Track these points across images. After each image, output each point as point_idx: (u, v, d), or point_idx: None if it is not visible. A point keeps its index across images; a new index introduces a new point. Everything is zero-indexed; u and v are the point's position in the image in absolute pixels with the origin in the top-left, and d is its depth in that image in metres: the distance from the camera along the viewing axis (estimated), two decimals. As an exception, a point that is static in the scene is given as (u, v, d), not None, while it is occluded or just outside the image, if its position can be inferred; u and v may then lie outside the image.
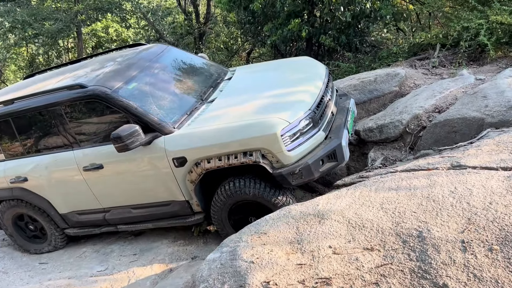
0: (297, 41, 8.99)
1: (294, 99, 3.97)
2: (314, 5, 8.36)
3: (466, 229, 2.60)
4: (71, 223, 4.92)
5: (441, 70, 6.24)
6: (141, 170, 4.14)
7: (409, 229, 2.76)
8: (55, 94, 4.33)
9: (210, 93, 4.59)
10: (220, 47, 14.15)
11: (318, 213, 3.20)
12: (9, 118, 4.62)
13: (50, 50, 15.05)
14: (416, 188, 3.15)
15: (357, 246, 2.75)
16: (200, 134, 3.84)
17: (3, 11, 11.99)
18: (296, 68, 4.90)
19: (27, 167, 4.70)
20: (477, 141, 3.85)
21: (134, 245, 4.84)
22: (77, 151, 4.39)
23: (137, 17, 14.93)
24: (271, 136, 3.57)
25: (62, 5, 13.30)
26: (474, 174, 3.12)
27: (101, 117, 4.25)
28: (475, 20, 6.11)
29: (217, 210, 4.08)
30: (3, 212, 5.13)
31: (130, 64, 4.59)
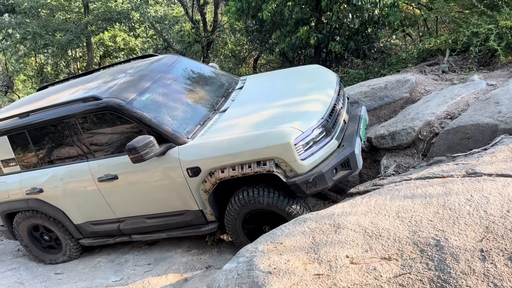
0: (306, 48, 9.02)
1: (307, 107, 3.99)
2: (322, 12, 8.39)
3: (484, 237, 2.59)
4: (86, 233, 4.97)
5: (451, 76, 6.23)
6: (155, 180, 4.17)
7: (427, 238, 2.76)
8: (70, 106, 4.39)
9: (222, 102, 4.63)
10: (228, 55, 14.22)
11: (333, 222, 3.20)
12: (24, 131, 4.69)
13: (60, 60, 15.23)
14: (431, 196, 3.15)
15: (375, 256, 2.75)
16: (214, 144, 3.87)
17: (14, 23, 12.18)
18: (307, 76, 4.93)
19: (43, 178, 4.76)
20: (491, 148, 3.84)
21: (148, 254, 4.86)
22: (91, 162, 4.44)
23: (145, 26, 15.07)
24: (285, 145, 3.59)
25: (72, 16, 13.48)
26: (490, 181, 3.11)
27: (115, 128, 4.31)
28: (485, 25, 6.10)
29: (231, 220, 4.10)
30: (18, 223, 5.19)
31: (143, 75, 4.64)
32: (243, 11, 8.73)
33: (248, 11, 8.69)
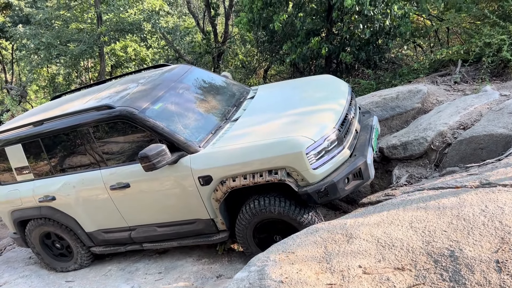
0: (316, 58, 9.05)
1: (318, 117, 3.99)
2: (332, 23, 8.43)
3: (500, 248, 2.56)
4: (97, 241, 4.99)
5: (464, 86, 6.20)
6: (167, 189, 4.19)
7: (441, 248, 2.73)
8: (83, 115, 4.45)
9: (233, 112, 4.65)
10: (238, 66, 14.31)
11: (346, 232, 3.18)
12: (38, 139, 4.75)
13: (72, 70, 15.45)
14: (445, 207, 3.12)
15: (388, 266, 2.72)
16: (225, 152, 3.88)
17: (29, 34, 12.41)
18: (318, 86, 4.94)
19: (55, 186, 4.80)
20: (505, 158, 3.80)
21: (159, 263, 4.87)
22: (104, 171, 4.48)
23: (157, 37, 15.24)
24: (297, 155, 3.59)
25: (86, 27, 13.69)
26: (505, 192, 3.08)
27: (127, 137, 4.35)
28: (497, 36, 6.08)
29: (242, 229, 4.09)
30: (31, 230, 5.24)
31: (156, 84, 4.69)
32: (254, 22, 8.81)
33: (259, 22, 8.76)
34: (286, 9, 8.78)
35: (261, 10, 8.52)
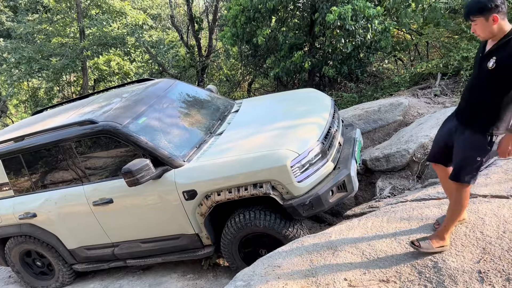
0: (300, 72, 9.15)
1: (302, 130, 4.02)
2: (315, 37, 8.56)
3: (481, 259, 2.60)
4: (80, 259, 4.89)
5: (444, 99, 6.34)
6: (151, 204, 4.15)
7: (424, 259, 2.76)
8: (66, 130, 4.39)
9: (218, 125, 4.66)
10: (222, 79, 14.36)
11: (331, 245, 3.20)
12: (19, 155, 4.67)
13: (54, 84, 15.28)
14: (428, 218, 3.17)
15: (373, 278, 2.74)
16: (210, 167, 3.87)
17: (10, 48, 12.27)
18: (302, 99, 4.99)
19: (36, 203, 4.71)
20: (485, 169, 3.88)
21: (143, 279, 4.79)
22: (86, 186, 4.42)
23: (140, 51, 15.22)
24: (281, 168, 3.60)
25: (68, 41, 13.60)
26: (485, 203, 3.14)
27: (110, 152, 4.30)
28: (474, 50, 6.25)
29: (227, 243, 4.06)
30: (10, 248, 5.11)
31: (139, 99, 4.67)
32: (238, 37, 8.89)
33: (243, 36, 8.84)
34: (269, 23, 8.89)
35: (245, 24, 8.61)
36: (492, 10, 2.30)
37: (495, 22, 2.33)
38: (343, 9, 6.97)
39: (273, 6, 7.87)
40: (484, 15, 2.33)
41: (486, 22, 2.35)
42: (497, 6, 2.30)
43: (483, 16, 2.34)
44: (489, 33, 2.39)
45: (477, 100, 2.56)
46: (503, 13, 2.32)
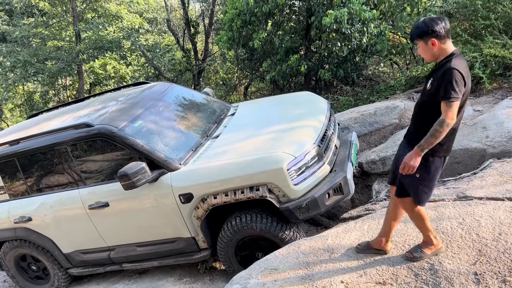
0: (296, 76, 9.17)
1: (299, 133, 4.03)
2: (311, 41, 8.59)
3: (477, 260, 2.61)
4: (75, 263, 4.87)
5: (439, 102, 6.35)
6: (147, 207, 4.13)
7: (421, 262, 2.76)
8: (61, 133, 4.38)
9: (214, 129, 4.66)
10: (219, 83, 14.38)
11: (328, 248, 3.20)
12: (14, 158, 4.65)
13: (50, 88, 15.23)
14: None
15: (369, 281, 2.74)
16: (206, 170, 3.87)
17: (5, 52, 12.23)
18: (298, 103, 4.99)
19: (32, 207, 4.68)
20: (480, 172, 3.90)
21: (139, 283, 4.77)
22: (82, 190, 4.40)
23: (136, 55, 15.22)
24: (278, 171, 3.60)
25: (64, 45, 13.57)
26: (481, 205, 3.15)
27: (106, 155, 4.29)
28: (469, 54, 6.29)
29: (224, 246, 4.05)
30: (5, 253, 5.07)
31: (135, 102, 4.66)
32: (234, 40, 8.90)
33: (239, 40, 8.86)
34: (265, 27, 8.92)
35: (241, 28, 8.63)
36: (429, 35, 2.46)
37: (434, 46, 2.48)
38: (339, 12, 7.00)
39: (269, 10, 7.89)
40: (423, 39, 2.49)
41: (426, 46, 2.51)
42: (434, 31, 2.45)
43: (422, 40, 2.50)
44: (430, 56, 2.54)
45: (419, 119, 2.67)
46: (442, 38, 2.46)
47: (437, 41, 2.46)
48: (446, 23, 2.46)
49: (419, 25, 2.51)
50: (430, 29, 2.44)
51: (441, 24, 2.44)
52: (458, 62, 2.42)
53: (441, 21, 2.46)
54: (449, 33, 2.48)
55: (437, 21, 2.45)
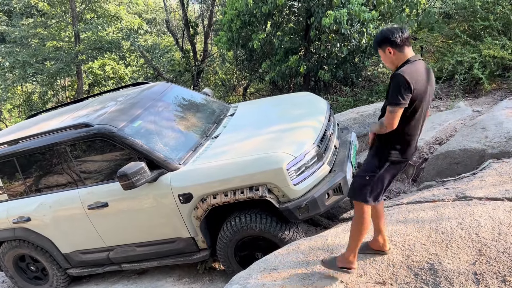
0: (295, 76, 9.18)
1: (298, 133, 4.03)
2: (310, 42, 8.60)
3: (477, 260, 2.61)
4: (74, 263, 4.86)
5: (438, 103, 6.37)
6: (146, 207, 4.13)
7: (420, 261, 2.76)
8: (61, 133, 4.37)
9: (214, 129, 4.65)
10: (218, 84, 14.37)
11: (327, 248, 3.20)
12: (13, 158, 4.64)
13: (49, 89, 15.20)
14: (423, 221, 3.17)
15: (369, 281, 2.74)
16: (206, 170, 3.86)
17: (4, 52, 12.21)
18: (298, 103, 4.99)
19: (31, 207, 4.67)
20: (480, 172, 3.90)
21: (138, 284, 4.76)
22: (81, 190, 4.39)
23: (136, 55, 15.21)
24: (277, 171, 3.60)
25: (63, 45, 13.56)
26: (481, 205, 3.15)
27: (105, 155, 4.28)
28: (468, 54, 6.30)
29: (223, 247, 4.05)
30: (4, 253, 5.06)
31: (135, 102, 4.66)
32: (233, 41, 8.90)
33: (238, 41, 8.86)
34: (265, 28, 8.92)
35: (240, 29, 8.63)
36: (386, 44, 2.54)
37: (391, 54, 2.56)
38: (338, 13, 7.01)
39: (268, 11, 7.89)
40: (381, 48, 2.58)
41: (384, 54, 2.59)
42: (389, 40, 2.52)
43: (381, 49, 2.60)
44: (390, 63, 2.61)
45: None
46: (399, 46, 2.52)
47: (393, 49, 2.53)
48: (403, 32, 2.52)
49: (377, 35, 2.62)
50: (386, 38, 2.53)
51: (397, 33, 2.51)
52: (408, 68, 2.47)
53: (398, 30, 2.52)
54: (407, 41, 2.54)
55: (394, 30, 2.52)
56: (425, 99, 2.52)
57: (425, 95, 2.51)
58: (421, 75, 2.49)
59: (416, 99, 2.46)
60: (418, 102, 2.49)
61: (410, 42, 2.56)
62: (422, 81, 2.48)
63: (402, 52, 2.53)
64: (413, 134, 2.61)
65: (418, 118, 2.56)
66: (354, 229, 2.74)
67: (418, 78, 2.46)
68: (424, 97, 2.51)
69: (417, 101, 2.48)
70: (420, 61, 2.56)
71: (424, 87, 2.50)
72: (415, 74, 2.46)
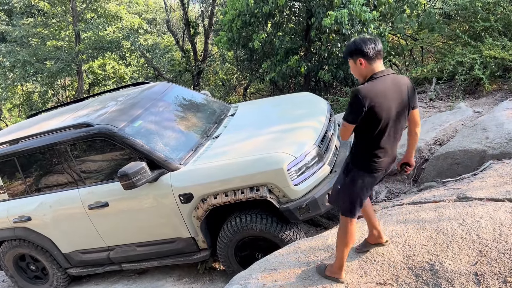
0: (296, 77, 9.18)
1: (299, 134, 4.03)
2: (311, 42, 8.60)
3: (478, 261, 2.61)
4: (74, 263, 4.86)
5: (439, 103, 6.37)
6: (147, 207, 4.13)
7: (421, 262, 2.76)
8: (61, 133, 4.37)
9: (214, 129, 4.65)
10: (218, 84, 14.38)
11: (328, 248, 3.19)
12: (13, 158, 4.64)
13: (49, 88, 15.20)
14: (424, 221, 3.17)
15: (370, 281, 2.74)
16: (206, 170, 3.86)
17: (5, 52, 12.22)
18: (298, 103, 4.99)
19: (31, 206, 4.67)
20: (480, 173, 3.90)
21: (138, 284, 4.76)
22: (82, 189, 4.39)
23: (136, 55, 15.21)
24: (278, 171, 3.59)
25: (63, 45, 13.56)
26: (481, 206, 3.15)
27: (106, 155, 4.28)
28: (469, 55, 6.30)
29: (224, 247, 4.05)
30: (4, 252, 5.06)
31: (135, 102, 4.66)
32: (234, 41, 8.91)
33: (239, 41, 8.86)
34: (265, 28, 8.92)
35: (241, 29, 8.63)
36: (358, 55, 2.50)
37: (362, 65, 2.52)
38: (339, 13, 7.01)
39: (269, 11, 7.90)
40: (352, 58, 2.55)
41: (355, 65, 2.56)
42: (362, 51, 2.49)
43: (352, 59, 2.56)
44: (359, 75, 2.59)
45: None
46: (371, 58, 2.49)
47: (364, 61, 2.50)
48: (377, 45, 2.49)
49: (349, 44, 2.57)
50: (359, 49, 2.49)
51: (370, 45, 2.48)
52: (370, 84, 2.46)
53: (371, 42, 2.49)
54: (379, 54, 2.51)
55: (367, 41, 2.49)
56: (390, 114, 2.48)
57: (389, 111, 2.47)
58: (387, 91, 2.46)
59: (377, 114, 2.45)
60: (382, 117, 2.46)
61: (381, 56, 2.54)
62: (386, 97, 2.45)
63: (372, 65, 2.51)
64: (384, 147, 2.59)
65: (387, 131, 2.53)
66: (339, 241, 2.76)
67: (381, 95, 2.44)
68: (389, 112, 2.47)
69: (380, 116, 2.46)
70: (387, 76, 2.51)
71: (389, 102, 2.46)
72: (377, 90, 2.44)
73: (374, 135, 2.53)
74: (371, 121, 2.48)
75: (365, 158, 2.62)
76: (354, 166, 2.67)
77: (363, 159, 2.63)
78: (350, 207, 2.69)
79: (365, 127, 2.52)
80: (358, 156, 2.66)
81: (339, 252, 2.76)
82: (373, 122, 2.48)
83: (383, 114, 2.46)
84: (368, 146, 2.59)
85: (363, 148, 2.62)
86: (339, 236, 2.75)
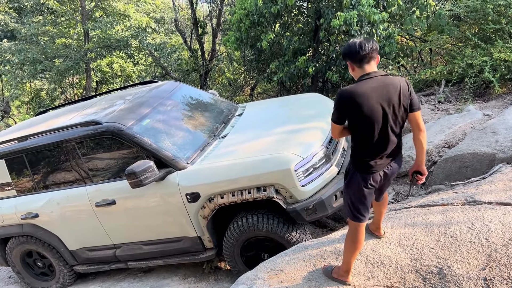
0: (303, 77, 9.14)
1: (307, 134, 4.02)
2: (319, 42, 8.57)
3: (487, 266, 2.58)
4: (81, 260, 4.88)
5: (447, 106, 6.33)
6: (153, 206, 4.14)
7: (429, 266, 2.74)
8: (70, 130, 4.39)
9: (222, 128, 4.66)
10: (225, 84, 14.37)
11: (335, 250, 3.18)
12: (22, 155, 4.67)
13: (57, 86, 15.28)
14: (432, 224, 3.15)
15: (377, 284, 2.72)
16: (214, 169, 3.86)
17: (14, 49, 12.29)
18: (306, 104, 4.98)
19: (39, 203, 4.70)
20: (489, 176, 3.86)
21: (144, 282, 4.77)
22: (89, 187, 4.41)
23: (144, 54, 15.24)
24: (285, 172, 3.58)
25: (72, 43, 13.63)
26: (491, 210, 3.12)
27: (113, 153, 4.30)
28: (479, 57, 6.25)
29: (229, 246, 4.05)
30: (12, 248, 5.10)
31: (143, 101, 4.67)
32: (242, 41, 8.89)
33: (247, 41, 8.85)
34: (274, 28, 8.90)
35: (249, 29, 8.62)
36: (346, 58, 2.58)
37: (352, 68, 2.60)
38: (348, 14, 6.98)
39: (277, 11, 7.87)
40: (345, 60, 2.62)
41: (349, 66, 2.62)
42: (349, 55, 2.55)
43: (345, 61, 2.63)
44: (353, 76, 2.63)
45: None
46: (357, 61, 2.53)
47: (352, 64, 2.56)
48: (363, 49, 2.47)
49: (343, 47, 2.61)
50: (344, 53, 2.57)
51: (355, 49, 2.49)
52: (357, 85, 2.48)
53: (357, 46, 2.49)
54: (369, 56, 2.50)
55: (353, 46, 2.51)
56: (374, 114, 2.45)
57: (373, 111, 2.44)
58: (371, 92, 2.44)
59: (360, 115, 2.45)
60: (365, 117, 2.45)
61: (373, 57, 2.52)
62: (369, 97, 2.43)
63: (361, 67, 2.53)
64: (374, 147, 2.57)
65: (375, 131, 2.51)
66: (347, 245, 2.75)
67: (363, 95, 2.43)
68: (373, 113, 2.45)
69: (363, 116, 2.45)
70: (375, 78, 2.49)
71: (372, 103, 2.43)
72: (360, 91, 2.43)
73: (361, 135, 2.56)
74: (356, 122, 2.52)
75: (358, 159, 2.64)
76: (352, 167, 2.70)
77: (357, 160, 2.65)
78: (351, 209, 2.69)
79: (353, 128, 2.57)
80: (353, 157, 2.69)
81: (346, 256, 2.75)
82: (358, 123, 2.52)
83: (366, 115, 2.46)
84: (359, 146, 2.62)
85: (355, 149, 2.66)
86: (347, 241, 2.74)
